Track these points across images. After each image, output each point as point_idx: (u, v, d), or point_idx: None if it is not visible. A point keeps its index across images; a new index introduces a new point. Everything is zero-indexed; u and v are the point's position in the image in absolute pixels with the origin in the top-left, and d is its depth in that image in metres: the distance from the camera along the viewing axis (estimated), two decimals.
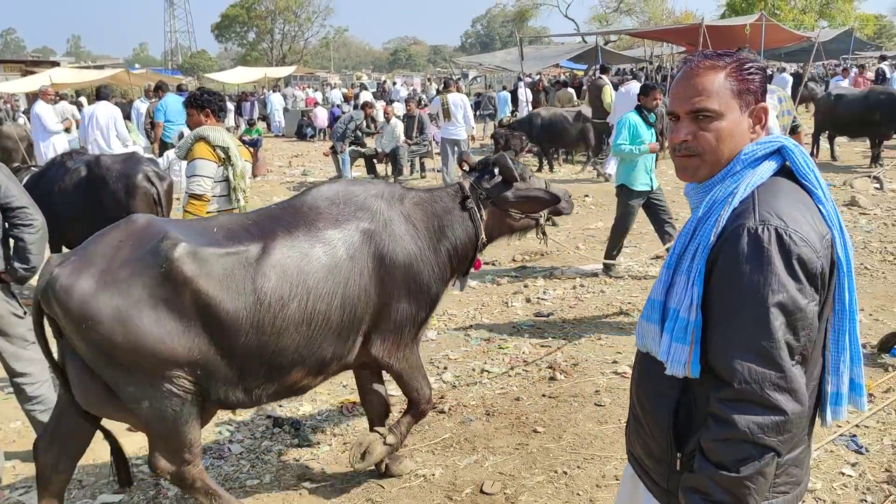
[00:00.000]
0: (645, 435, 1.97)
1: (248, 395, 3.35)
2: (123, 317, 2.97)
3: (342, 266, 3.38)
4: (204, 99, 5.04)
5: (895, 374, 5.01)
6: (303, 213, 3.46)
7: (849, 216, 10.51)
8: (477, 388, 5.25)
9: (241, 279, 3.15)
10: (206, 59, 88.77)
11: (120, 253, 3.08)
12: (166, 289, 3.03)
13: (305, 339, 3.31)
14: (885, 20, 57.84)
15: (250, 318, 3.15)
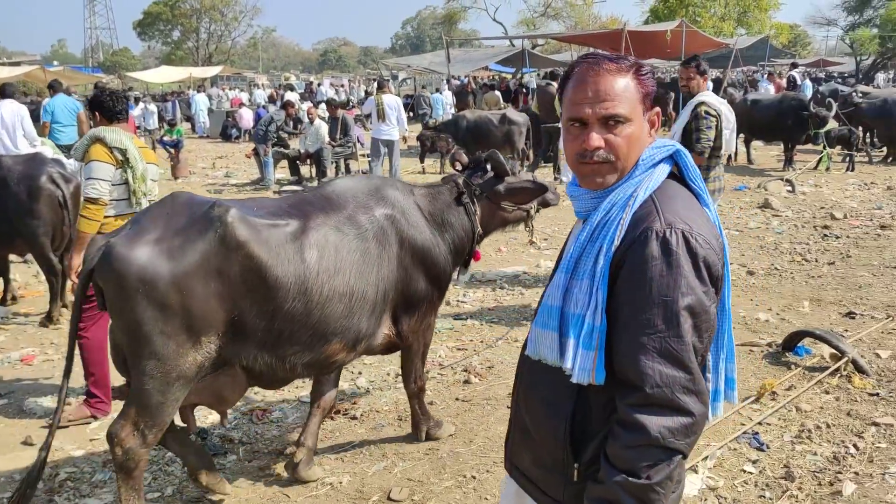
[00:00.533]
0: (535, 446, 1.91)
1: (283, 361, 3.48)
2: (178, 280, 3.12)
3: (373, 248, 3.67)
4: (96, 99, 4.85)
5: (798, 371, 5.15)
6: (332, 199, 3.71)
7: (762, 218, 10.84)
8: (391, 392, 5.18)
9: (290, 249, 3.36)
10: (128, 57, 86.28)
11: (171, 222, 3.23)
12: (219, 252, 3.19)
13: (347, 310, 3.55)
14: (799, 29, 60.04)
15: (298, 284, 3.36)
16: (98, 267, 3.19)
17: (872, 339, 5.78)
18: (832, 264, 8.21)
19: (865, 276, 7.64)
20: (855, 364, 5.05)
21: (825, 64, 52.50)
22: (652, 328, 1.67)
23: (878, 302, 6.74)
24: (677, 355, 1.66)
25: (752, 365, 5.34)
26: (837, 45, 61.68)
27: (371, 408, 4.95)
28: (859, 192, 13.00)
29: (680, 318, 1.66)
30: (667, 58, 25.69)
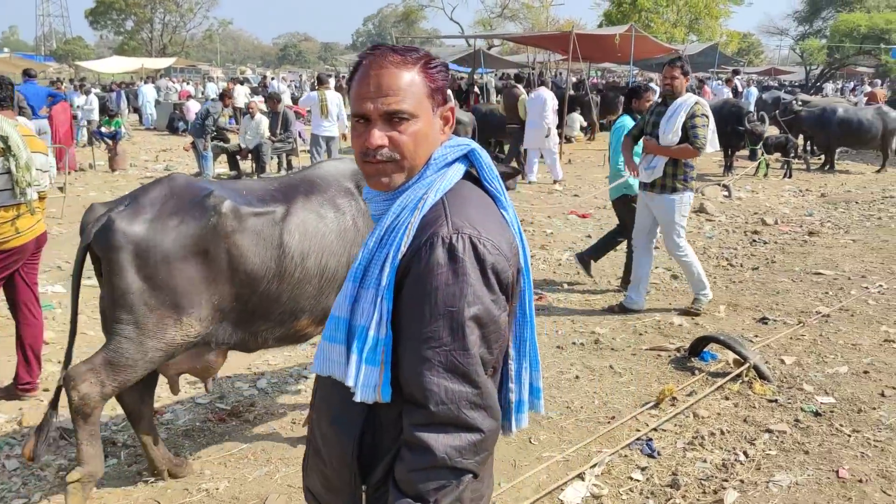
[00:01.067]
0: (325, 467, 1.78)
1: (255, 336, 3.74)
2: (170, 258, 3.33)
3: (349, 230, 3.84)
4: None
5: (701, 377, 5.13)
6: (316, 183, 3.90)
7: (696, 222, 10.90)
8: (291, 396, 5.04)
9: (272, 235, 3.57)
10: (81, 46, 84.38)
11: (167, 204, 3.41)
12: (210, 238, 3.40)
13: (317, 289, 3.76)
14: (752, 38, 61.11)
15: (276, 268, 3.58)
16: (97, 238, 3.37)
17: (780, 344, 5.80)
18: (756, 269, 8.27)
19: (785, 281, 7.70)
20: (757, 370, 5.05)
21: (776, 73, 53.50)
22: (437, 341, 1.55)
23: (792, 308, 6.78)
24: (463, 369, 1.55)
25: (657, 370, 5.31)
26: (790, 55, 62.86)
27: (267, 411, 4.80)
28: (794, 198, 13.19)
29: (466, 330, 1.55)
30: (618, 62, 25.88)
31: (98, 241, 3.38)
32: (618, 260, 8.60)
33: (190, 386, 5.06)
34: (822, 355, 5.58)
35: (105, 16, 61.70)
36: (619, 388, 5.01)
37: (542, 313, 6.70)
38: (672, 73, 6.28)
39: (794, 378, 5.15)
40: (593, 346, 5.80)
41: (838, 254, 8.89)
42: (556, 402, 4.78)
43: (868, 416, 4.59)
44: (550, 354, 5.62)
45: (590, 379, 5.15)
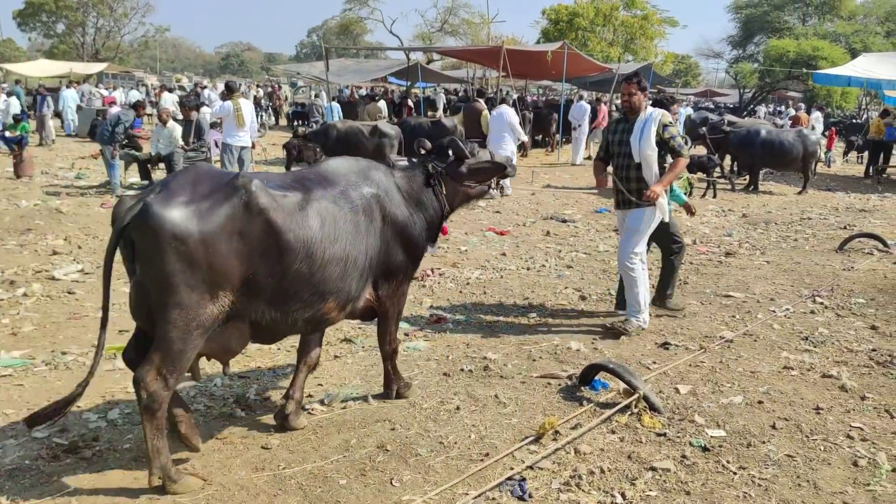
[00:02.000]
0: None
1: (286, 317, 3.94)
2: (206, 238, 3.51)
3: (363, 221, 4.21)
4: None
5: (589, 408, 4.81)
6: (327, 177, 4.21)
7: (614, 241, 10.71)
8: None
9: (299, 217, 3.84)
10: (12, 48, 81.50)
11: (198, 188, 3.60)
12: (243, 216, 3.62)
13: (342, 273, 4.07)
14: (690, 60, 62.38)
15: (305, 248, 3.84)
16: (133, 223, 3.48)
17: (678, 371, 5.54)
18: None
19: (694, 304, 7.49)
20: (647, 401, 4.76)
21: (712, 94, 54.70)
22: None
23: (696, 332, 6.55)
24: None
25: (544, 400, 4.98)
26: (726, 78, 64.29)
27: (111, 446, 4.31)
28: (716, 218, 13.16)
29: None
30: (552, 78, 25.87)
31: (135, 226, 3.49)
32: (528, 280, 8.32)
33: None
34: (719, 384, 5.33)
35: (34, 17, 59.56)
36: (500, 420, 4.65)
37: (438, 336, 6.34)
38: (629, 89, 6.20)
39: (687, 409, 4.87)
40: (482, 372, 5.45)
41: (751, 276, 8.76)
42: (429, 437, 4.40)
43: (757, 450, 4.33)
44: (435, 383, 5.25)
45: (471, 410, 4.78)
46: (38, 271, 8.18)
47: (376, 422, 4.58)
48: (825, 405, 4.99)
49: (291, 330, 4.12)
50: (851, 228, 12.05)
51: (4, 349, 5.87)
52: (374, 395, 4.99)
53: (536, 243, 10.43)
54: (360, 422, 4.59)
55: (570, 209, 13.47)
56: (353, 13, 50.03)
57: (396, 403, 4.87)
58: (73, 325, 6.49)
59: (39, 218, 10.78)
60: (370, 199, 4.28)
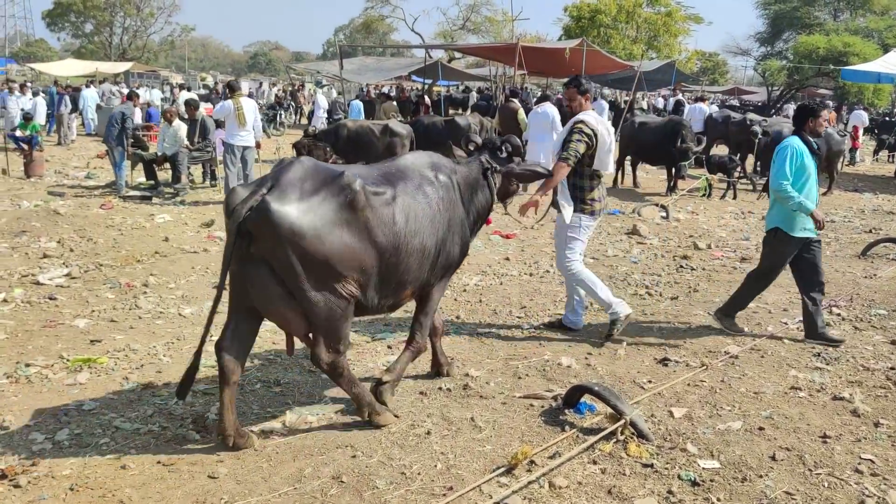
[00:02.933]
0: None
1: (380, 302, 4.35)
2: (320, 232, 3.88)
3: (435, 213, 4.52)
4: None
5: (571, 434, 4.42)
6: (404, 172, 4.51)
7: (625, 245, 10.29)
8: (88, 451, 4.24)
9: (390, 212, 4.20)
10: (45, 48, 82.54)
11: (306, 185, 3.94)
12: (348, 212, 3.99)
13: (418, 264, 4.43)
14: (718, 57, 61.20)
15: (394, 241, 4.21)
16: (253, 218, 3.79)
17: (674, 392, 5.13)
18: (674, 300, 7.64)
19: (700, 314, 7.06)
20: (634, 427, 4.36)
21: (740, 92, 53.71)
22: None
23: (700, 347, 6.13)
24: None
25: (524, 424, 4.59)
26: (754, 75, 63.14)
27: (50, 471, 4.01)
28: (734, 220, 12.66)
29: None
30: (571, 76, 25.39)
31: (255, 221, 3.79)
32: (528, 287, 7.93)
33: None
34: (718, 406, 4.92)
35: (63, 18, 60.14)
36: (472, 447, 4.28)
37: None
38: (570, 94, 6.19)
39: (680, 435, 4.47)
40: (461, 391, 5.07)
41: None
42: (392, 465, 4.04)
43: (752, 486, 3.92)
44: (409, 402, 4.88)
45: (443, 435, 4.41)
46: (25, 275, 7.95)
47: (337, 448, 4.23)
48: (833, 433, 4.56)
49: (376, 312, 4.55)
50: (877, 232, 11.51)
51: None
52: (351, 417, 4.65)
53: (543, 247, 10.03)
54: (320, 447, 4.24)
55: None
56: (374, 11, 49.75)
57: (362, 426, 4.51)
58: (45, 334, 6.23)
59: (36, 219, 10.58)
60: (441, 193, 4.59)
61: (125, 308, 6.94)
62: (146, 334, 6.28)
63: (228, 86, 13.53)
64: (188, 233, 10.39)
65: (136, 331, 6.36)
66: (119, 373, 5.42)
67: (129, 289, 7.54)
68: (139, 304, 7.04)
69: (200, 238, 10.01)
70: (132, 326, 6.47)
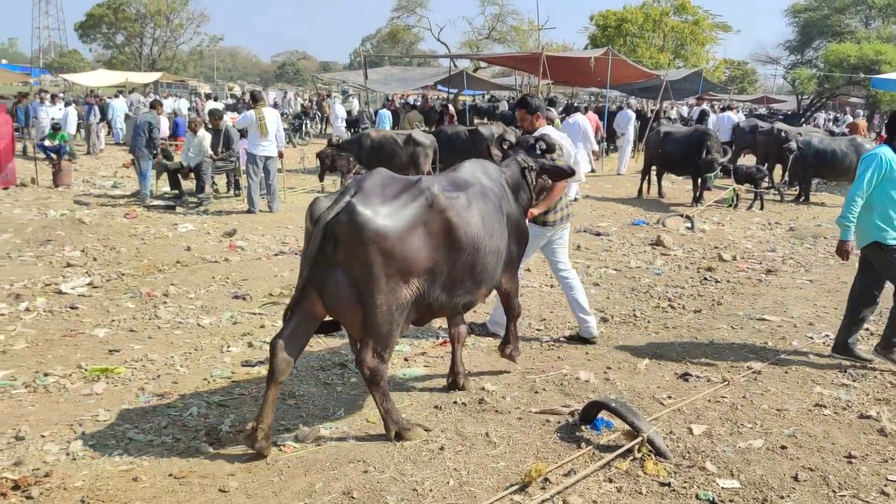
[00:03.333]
0: None
1: (451, 301, 4.54)
2: (401, 235, 4.08)
3: (500, 216, 4.79)
4: None
5: (587, 451, 4.33)
6: (468, 179, 4.75)
7: (648, 256, 10.17)
8: (100, 463, 4.24)
9: (467, 215, 4.43)
10: (77, 59, 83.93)
11: (387, 191, 4.17)
12: (428, 214, 4.21)
13: (494, 264, 4.72)
14: (746, 66, 60.61)
15: (472, 243, 4.44)
16: (338, 221, 4.00)
17: (694, 408, 5.02)
18: (697, 312, 7.52)
19: (724, 328, 6.93)
20: (652, 444, 4.26)
21: (769, 101, 53.06)
22: None
23: (722, 361, 6.00)
24: None
25: (539, 440, 4.51)
26: (784, 84, 62.40)
27: (62, 483, 4.01)
28: (760, 231, 12.47)
29: None
30: (597, 86, 25.25)
31: (341, 224, 4.00)
32: (549, 299, 7.85)
33: None
34: (739, 423, 4.80)
35: (95, 29, 61.09)
36: (486, 463, 4.21)
37: (439, 362, 5.93)
38: (520, 115, 6.28)
39: (699, 453, 4.36)
40: (476, 406, 5.00)
41: (791, 296, 8.14)
42: (404, 481, 3.99)
43: None
44: (424, 417, 4.82)
45: (456, 451, 4.35)
46: (48, 284, 8.02)
47: (349, 462, 4.19)
48: (859, 452, 4.42)
49: (452, 311, 4.79)
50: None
51: None
52: (366, 433, 4.60)
53: None
54: (332, 461, 4.20)
55: (605, 221, 12.93)
56: (400, 21, 49.95)
57: (375, 441, 4.47)
58: (65, 344, 6.27)
59: (61, 228, 10.70)
60: (500, 197, 4.86)
61: (145, 318, 6.97)
62: (164, 344, 6.29)
63: (251, 96, 13.61)
64: (210, 242, 10.43)
65: (155, 341, 6.38)
66: (135, 383, 5.43)
67: (150, 298, 7.57)
68: (158, 314, 7.06)
69: (222, 248, 10.04)
70: (150, 336, 6.49)
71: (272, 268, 8.97)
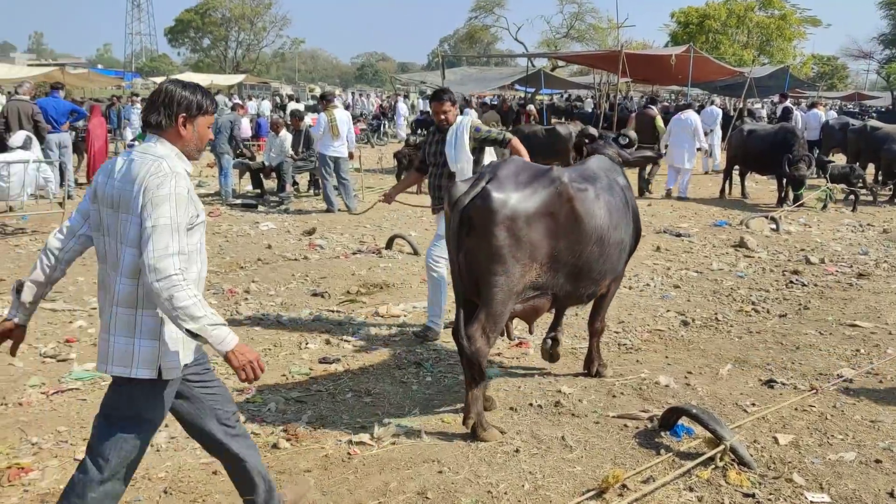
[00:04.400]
0: None
1: (577, 291, 4.72)
2: (531, 219, 4.28)
3: (623, 210, 4.91)
4: None
5: (666, 458, 4.22)
6: (595, 173, 4.88)
7: (731, 259, 9.87)
8: (181, 455, 4.36)
9: (593, 206, 4.57)
10: (167, 63, 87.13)
11: (519, 177, 4.34)
12: (555, 203, 4.37)
13: (616, 255, 4.82)
14: (836, 61, 58.33)
15: (597, 233, 4.56)
16: (474, 205, 4.23)
17: (780, 417, 4.83)
18: (783, 317, 7.24)
19: (811, 334, 6.66)
20: (735, 453, 4.12)
21: (860, 97, 50.91)
22: None
23: (810, 368, 5.77)
24: None
25: (616, 445, 4.41)
26: (877, 80, 59.81)
27: (146, 474, 4.12)
28: (851, 233, 11.94)
29: None
30: (678, 83, 24.70)
31: (477, 207, 4.22)
32: (627, 301, 7.70)
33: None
34: (829, 434, 4.59)
35: (183, 34, 63.36)
36: (562, 467, 4.15)
37: (515, 362, 5.88)
38: (442, 108, 6.27)
39: (785, 464, 4.19)
40: (552, 408, 4.94)
41: (885, 301, 7.76)
42: (478, 483, 3.96)
43: None
44: (499, 418, 4.78)
45: (532, 453, 4.30)
46: None
47: (424, 462, 4.19)
48: None
49: (576, 302, 4.97)
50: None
51: (80, 361, 5.88)
52: (430, 432, 4.60)
53: (644, 259, 9.73)
54: (407, 461, 4.21)
55: (686, 222, 12.61)
56: (478, 21, 49.99)
57: (450, 441, 4.45)
58: None
59: None
60: (624, 190, 5.03)
61: (227, 314, 7.14)
62: (245, 340, 6.40)
63: (322, 97, 13.81)
64: (290, 240, 10.63)
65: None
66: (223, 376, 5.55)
67: (232, 295, 7.76)
68: (240, 311, 7.23)
69: (302, 246, 10.22)
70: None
71: (350, 266, 9.07)
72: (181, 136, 2.96)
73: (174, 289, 2.67)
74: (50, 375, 5.53)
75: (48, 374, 5.58)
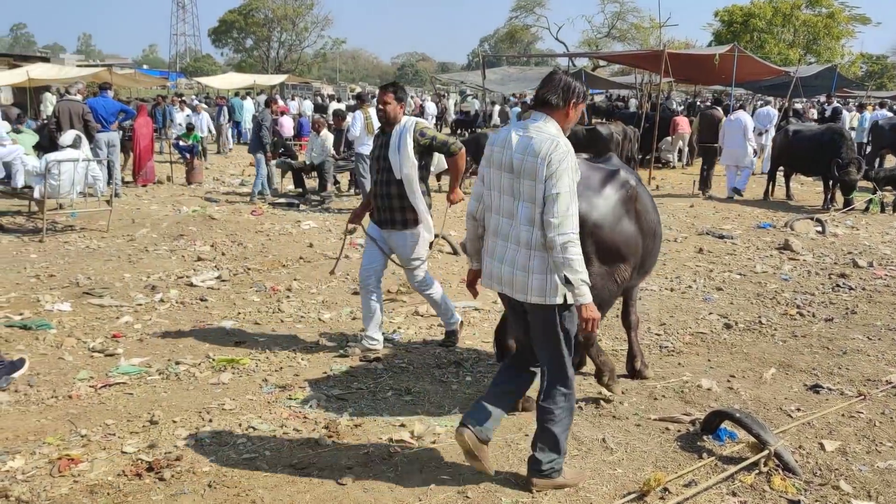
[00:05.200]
0: None
1: (633, 284, 5.11)
2: (613, 222, 4.47)
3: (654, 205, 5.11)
4: None
5: (709, 462, 4.17)
6: (630, 169, 5.00)
7: (775, 261, 9.72)
8: (226, 450, 4.42)
9: (648, 204, 4.88)
10: (210, 63, 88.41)
11: (591, 179, 4.45)
12: (629, 204, 4.59)
13: (658, 250, 5.12)
14: (886, 60, 56.97)
15: (653, 229, 4.89)
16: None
17: (826, 423, 4.74)
18: (829, 321, 7.11)
19: (859, 338, 6.53)
20: (779, 458, 4.06)
21: None
22: None
23: (857, 374, 5.66)
24: None
25: (658, 448, 4.38)
26: None
27: (191, 467, 4.19)
28: None
29: None
30: (721, 83, 24.35)
31: None
32: (669, 303, 7.62)
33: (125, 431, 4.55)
34: (878, 442, 4.50)
35: (226, 35, 64.23)
36: (603, 469, 4.13)
37: None
38: (385, 97, 5.78)
39: (832, 471, 4.12)
40: (593, 410, 4.91)
41: None
42: (519, 483, 3.96)
43: None
44: None
45: (572, 454, 4.28)
46: (180, 277, 8.44)
47: (464, 461, 4.19)
48: None
49: (627, 294, 5.28)
50: None
51: (127, 356, 6.00)
52: None
53: (686, 261, 9.63)
54: (447, 460, 4.23)
55: (730, 223, 12.45)
56: (518, 21, 49.87)
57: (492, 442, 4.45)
58: (195, 334, 6.57)
59: (193, 224, 11.27)
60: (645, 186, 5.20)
61: (269, 311, 7.23)
62: (287, 338, 6.50)
63: (357, 97, 13.88)
64: (331, 239, 10.72)
65: (278, 334, 6.60)
66: (259, 374, 5.64)
67: (274, 293, 7.85)
68: (282, 308, 7.31)
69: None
70: (274, 329, 6.72)
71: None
72: (567, 117, 3.63)
73: (570, 244, 3.38)
74: (98, 369, 5.66)
75: (96, 367, 5.70)
